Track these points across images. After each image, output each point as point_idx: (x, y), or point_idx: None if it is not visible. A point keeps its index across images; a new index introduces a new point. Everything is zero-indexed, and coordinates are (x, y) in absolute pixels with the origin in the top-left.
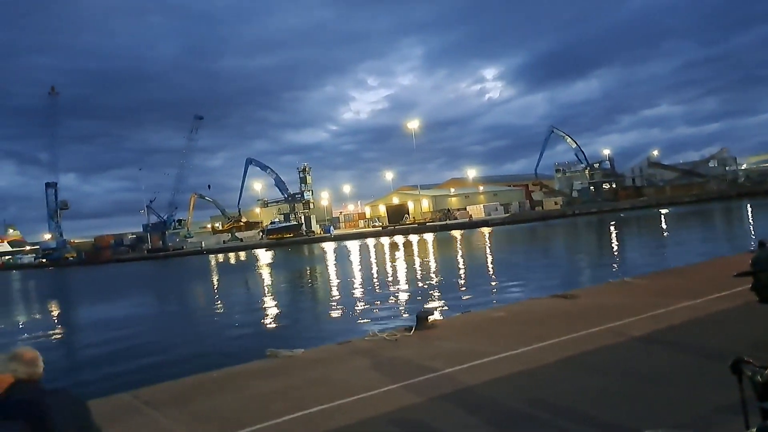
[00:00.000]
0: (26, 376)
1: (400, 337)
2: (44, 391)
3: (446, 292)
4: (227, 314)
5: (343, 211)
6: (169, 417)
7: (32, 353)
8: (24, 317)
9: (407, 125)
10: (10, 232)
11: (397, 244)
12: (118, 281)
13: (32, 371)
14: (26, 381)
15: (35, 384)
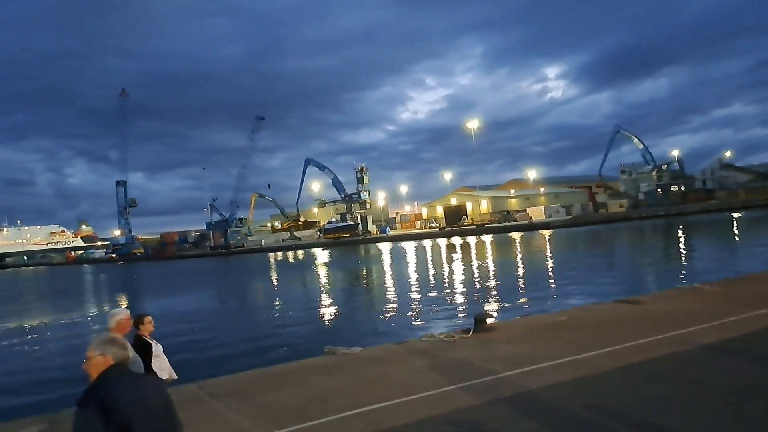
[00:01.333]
0: (122, 359)
1: (457, 339)
2: (132, 375)
3: (504, 295)
4: (285, 311)
5: (400, 212)
6: (232, 409)
7: (123, 338)
8: (95, 309)
9: (466, 125)
10: (83, 228)
11: (454, 246)
12: (182, 276)
13: (125, 355)
14: (120, 364)
15: (126, 367)
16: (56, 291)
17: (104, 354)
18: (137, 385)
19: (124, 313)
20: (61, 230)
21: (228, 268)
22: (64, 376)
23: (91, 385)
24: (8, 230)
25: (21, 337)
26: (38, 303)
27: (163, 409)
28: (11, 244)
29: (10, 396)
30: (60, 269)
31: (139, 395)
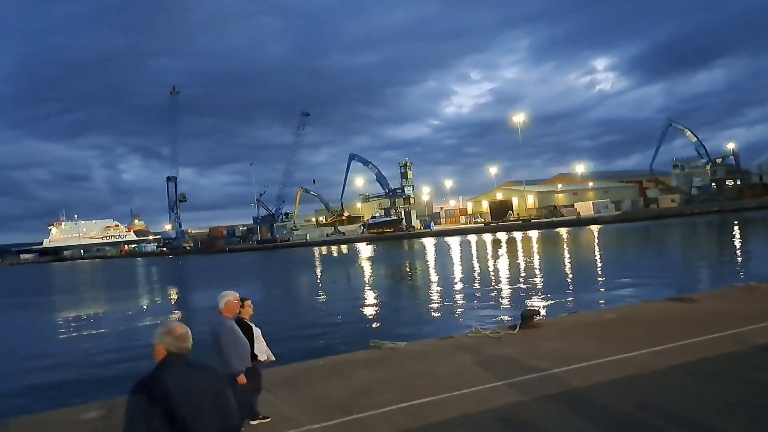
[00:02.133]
0: (176, 350)
1: (503, 335)
2: (184, 366)
3: (551, 292)
4: (330, 304)
5: (444, 207)
6: (280, 399)
7: (183, 329)
8: (148, 300)
9: (512, 119)
10: (135, 222)
11: (499, 241)
12: (230, 269)
13: (180, 345)
14: (176, 354)
15: (183, 358)
16: (111, 283)
17: (160, 344)
18: (187, 376)
19: (233, 294)
20: (115, 224)
21: (274, 261)
22: (120, 364)
23: (145, 374)
24: (66, 224)
25: (78, 326)
26: (94, 294)
27: (214, 400)
28: (69, 238)
29: (70, 383)
30: (114, 262)
31: (187, 385)
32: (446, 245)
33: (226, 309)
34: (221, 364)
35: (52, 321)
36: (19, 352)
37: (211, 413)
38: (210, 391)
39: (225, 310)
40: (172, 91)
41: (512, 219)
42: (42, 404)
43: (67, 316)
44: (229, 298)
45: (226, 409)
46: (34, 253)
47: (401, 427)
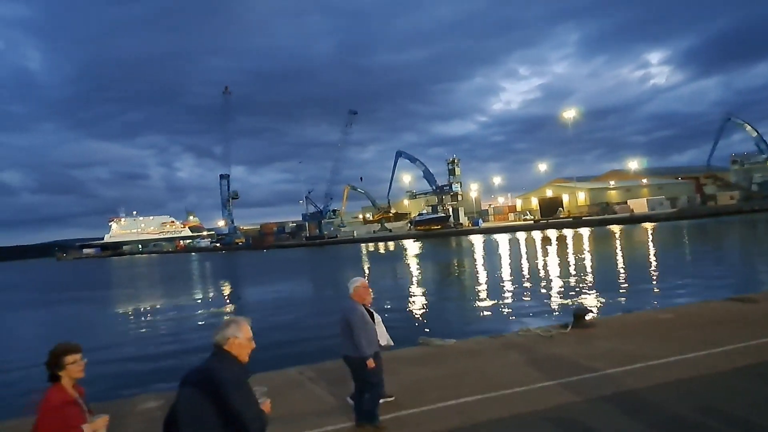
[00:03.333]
0: (215, 344)
1: (555, 334)
2: (219, 357)
3: (604, 291)
4: (377, 300)
5: (493, 204)
6: (331, 394)
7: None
8: (201, 294)
9: (562, 115)
10: (190, 219)
11: (549, 239)
12: (281, 265)
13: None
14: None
15: (223, 351)
16: (168, 277)
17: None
18: (204, 368)
19: (361, 281)
20: (171, 221)
21: (322, 257)
22: (175, 356)
23: (198, 365)
24: (125, 220)
25: (137, 319)
26: (152, 288)
27: (204, 395)
28: (128, 233)
29: (129, 374)
30: (170, 257)
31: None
32: (494, 243)
33: (355, 294)
34: (351, 348)
35: (112, 314)
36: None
37: (200, 417)
38: (203, 392)
39: (355, 295)
40: (225, 90)
41: (562, 216)
42: (102, 394)
43: (126, 309)
44: (358, 284)
45: (229, 414)
46: (95, 248)
47: (451, 425)
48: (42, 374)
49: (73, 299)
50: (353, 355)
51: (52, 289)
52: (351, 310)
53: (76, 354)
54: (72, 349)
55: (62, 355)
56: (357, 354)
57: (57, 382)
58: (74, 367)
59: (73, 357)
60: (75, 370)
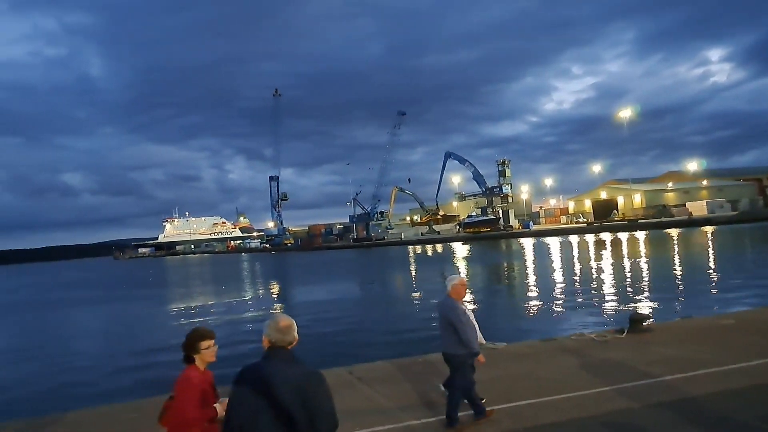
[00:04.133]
0: (277, 342)
1: (610, 339)
2: (287, 359)
3: (661, 296)
4: (426, 302)
5: (544, 206)
6: (379, 393)
7: (286, 322)
8: (251, 294)
9: (617, 114)
10: (240, 220)
11: (603, 242)
12: (329, 266)
13: (281, 338)
14: (278, 347)
15: (286, 351)
16: (219, 277)
17: (265, 335)
18: (281, 368)
19: (459, 278)
20: (222, 221)
21: (369, 259)
22: (225, 354)
23: (247, 364)
24: (178, 221)
25: (189, 317)
26: (204, 287)
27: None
28: (181, 234)
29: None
30: (221, 257)
31: (278, 378)
32: (546, 246)
33: (453, 292)
34: (456, 344)
35: (165, 311)
36: (138, 340)
37: (297, 412)
38: (296, 390)
39: (453, 292)
40: (275, 93)
41: (617, 219)
42: (159, 389)
43: (179, 307)
44: (456, 282)
45: (314, 413)
46: (150, 247)
47: (503, 428)
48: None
49: (130, 297)
50: (454, 352)
51: (111, 287)
52: (452, 307)
53: (210, 340)
54: (207, 335)
55: (198, 341)
56: (461, 351)
57: (192, 363)
58: (208, 352)
59: (207, 342)
60: (208, 354)
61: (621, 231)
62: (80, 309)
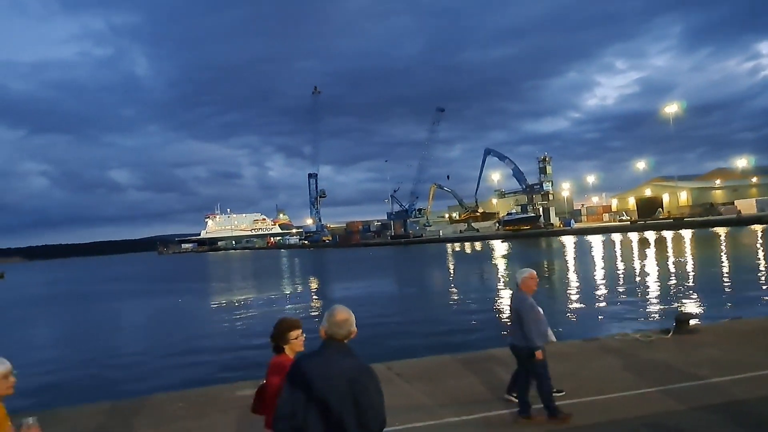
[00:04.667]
0: (333, 334)
1: (655, 339)
2: (328, 351)
3: (708, 296)
4: (464, 300)
5: (586, 204)
6: (418, 390)
7: (343, 315)
8: (291, 289)
9: (663, 110)
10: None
11: (647, 241)
12: (367, 263)
13: (336, 331)
14: (334, 339)
15: (341, 344)
16: (260, 272)
17: (322, 326)
18: (331, 361)
19: (530, 272)
20: (262, 218)
21: (407, 256)
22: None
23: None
24: (220, 217)
25: (231, 311)
26: (246, 282)
27: (352, 393)
28: (222, 230)
29: (227, 363)
30: (262, 253)
31: (326, 371)
32: (588, 244)
33: (524, 285)
34: (521, 338)
35: (209, 305)
36: (183, 332)
37: (347, 405)
38: (348, 382)
39: (523, 285)
40: (314, 90)
41: (662, 217)
42: (204, 380)
43: (221, 301)
44: (526, 275)
45: (364, 407)
46: (192, 243)
47: (546, 428)
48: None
49: (175, 291)
50: (521, 345)
51: (156, 281)
52: (521, 300)
53: (298, 329)
54: (295, 324)
55: (288, 331)
56: (526, 344)
57: (282, 352)
58: (297, 341)
59: (296, 332)
60: (297, 344)
61: (666, 229)
62: (129, 302)
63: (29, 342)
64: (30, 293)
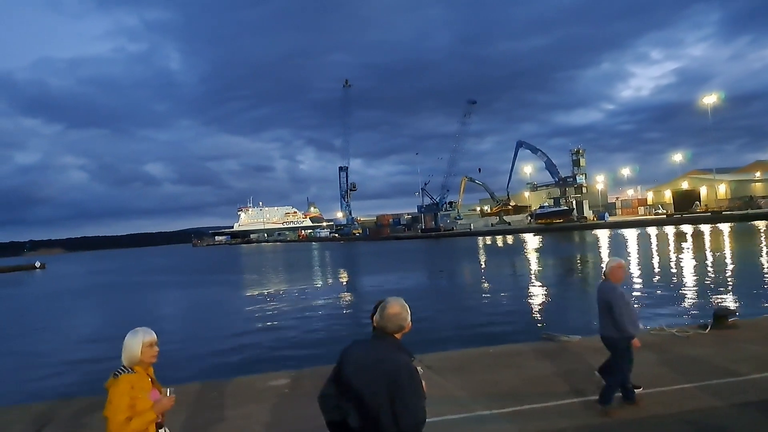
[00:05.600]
0: (383, 327)
1: (692, 335)
2: (373, 340)
3: (746, 291)
4: (495, 293)
5: (620, 197)
6: (450, 382)
7: (394, 309)
8: (323, 281)
9: (700, 101)
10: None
11: (684, 235)
12: (397, 256)
13: (384, 324)
14: (383, 331)
15: (389, 337)
16: (292, 264)
17: (375, 317)
18: (369, 353)
19: (618, 261)
20: (293, 211)
21: (438, 249)
22: (302, 339)
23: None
24: (252, 210)
25: (265, 302)
26: (279, 274)
27: (388, 387)
28: (254, 222)
29: (260, 353)
30: (293, 245)
31: (363, 362)
32: (622, 238)
33: (611, 274)
34: (612, 328)
35: (242, 297)
36: (217, 323)
37: (383, 401)
38: (386, 379)
39: (611, 275)
40: (345, 84)
41: (699, 210)
42: (237, 370)
43: (254, 292)
44: (614, 264)
45: (399, 407)
46: (226, 235)
47: (580, 422)
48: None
49: (209, 282)
50: (613, 335)
51: (191, 273)
52: (610, 290)
53: None
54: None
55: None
56: (618, 334)
57: None
58: (149, 351)
59: None
60: (149, 354)
61: (703, 223)
62: (165, 293)
63: (74, 330)
64: (71, 284)
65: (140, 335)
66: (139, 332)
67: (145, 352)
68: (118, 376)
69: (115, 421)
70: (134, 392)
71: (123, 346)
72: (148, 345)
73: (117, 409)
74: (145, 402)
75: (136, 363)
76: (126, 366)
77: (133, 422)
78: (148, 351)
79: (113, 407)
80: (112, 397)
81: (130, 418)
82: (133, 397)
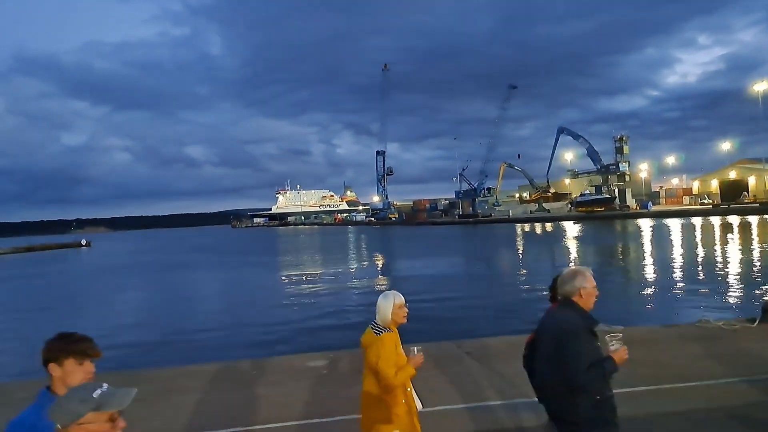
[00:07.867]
0: (561, 293)
1: (740, 328)
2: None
3: None
4: (532, 282)
5: (665, 186)
6: (488, 368)
7: (567, 274)
8: (358, 264)
9: (751, 87)
10: (347, 193)
11: (731, 226)
12: (433, 241)
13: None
14: (561, 299)
15: (566, 300)
16: (329, 247)
17: None
18: (550, 318)
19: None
20: (330, 195)
21: (475, 236)
22: (337, 323)
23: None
24: (290, 193)
25: (303, 284)
26: (316, 256)
27: (555, 348)
28: (292, 205)
29: (300, 335)
30: (329, 229)
31: (544, 321)
32: (666, 228)
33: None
34: None
35: (280, 278)
36: (258, 304)
37: (552, 354)
38: (554, 336)
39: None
40: (384, 68)
41: (747, 201)
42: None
43: (292, 274)
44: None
45: (562, 361)
46: (264, 217)
47: (621, 413)
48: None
49: (248, 263)
50: None
51: (231, 253)
52: None
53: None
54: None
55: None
56: None
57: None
58: (400, 312)
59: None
60: (400, 315)
61: (751, 214)
62: (207, 272)
63: (120, 306)
64: (116, 262)
65: (391, 298)
66: (390, 295)
67: (396, 312)
68: (380, 333)
69: (388, 375)
70: (398, 349)
71: (376, 307)
72: (398, 307)
73: (387, 364)
74: (404, 358)
75: (389, 323)
76: (382, 325)
77: (399, 375)
78: (399, 312)
79: (384, 362)
80: (381, 352)
81: (395, 372)
82: (397, 354)
